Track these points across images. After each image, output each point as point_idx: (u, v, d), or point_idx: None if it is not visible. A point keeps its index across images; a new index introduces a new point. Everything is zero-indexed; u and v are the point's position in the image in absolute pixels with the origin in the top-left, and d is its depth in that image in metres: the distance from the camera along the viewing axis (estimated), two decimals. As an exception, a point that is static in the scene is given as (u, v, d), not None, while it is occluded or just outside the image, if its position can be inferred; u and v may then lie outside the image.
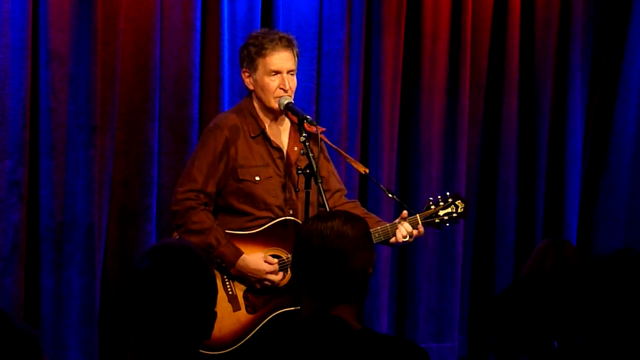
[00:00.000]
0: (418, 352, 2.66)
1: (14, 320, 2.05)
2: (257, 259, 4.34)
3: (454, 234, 5.98)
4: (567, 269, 3.43)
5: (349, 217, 2.73)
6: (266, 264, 4.34)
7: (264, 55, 4.40)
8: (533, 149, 6.21)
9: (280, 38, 4.44)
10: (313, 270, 2.67)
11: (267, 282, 4.36)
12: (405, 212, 4.44)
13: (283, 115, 4.50)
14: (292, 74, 4.44)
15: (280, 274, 4.37)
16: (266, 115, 4.48)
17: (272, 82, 4.40)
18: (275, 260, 4.37)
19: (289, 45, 4.44)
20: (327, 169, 4.58)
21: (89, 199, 5.03)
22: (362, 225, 2.74)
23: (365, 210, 4.65)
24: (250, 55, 4.43)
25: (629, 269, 2.48)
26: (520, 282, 3.57)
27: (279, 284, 4.37)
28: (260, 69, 4.41)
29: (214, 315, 2.44)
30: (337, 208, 4.52)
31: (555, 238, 4.07)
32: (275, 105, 4.40)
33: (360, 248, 2.69)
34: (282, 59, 4.41)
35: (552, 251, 3.54)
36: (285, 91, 4.39)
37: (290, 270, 2.76)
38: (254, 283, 4.36)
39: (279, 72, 4.40)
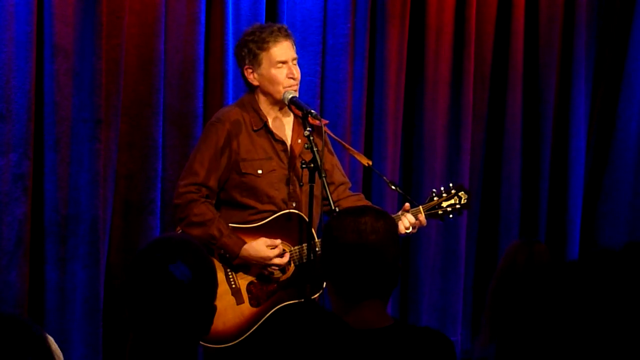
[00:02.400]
0: (444, 342, 2.66)
1: (23, 320, 2.05)
2: (259, 245, 4.33)
3: (457, 228, 5.98)
4: (538, 269, 3.42)
5: (378, 213, 2.74)
6: (269, 249, 4.34)
7: (267, 49, 4.41)
8: (537, 144, 6.21)
9: (279, 29, 4.46)
10: (347, 266, 2.67)
11: (274, 267, 4.36)
12: (407, 205, 4.45)
13: (286, 109, 4.50)
14: (295, 63, 4.45)
15: (287, 255, 4.37)
16: (269, 109, 4.48)
17: (280, 73, 4.40)
18: (278, 241, 4.36)
19: (288, 34, 4.46)
20: (331, 162, 4.58)
21: (94, 193, 5.03)
22: (391, 220, 2.77)
23: (370, 203, 4.66)
24: (252, 51, 4.43)
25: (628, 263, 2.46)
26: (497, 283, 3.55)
27: (287, 266, 4.37)
28: (265, 62, 4.41)
29: (213, 309, 2.44)
30: (341, 201, 4.53)
31: (525, 238, 4.06)
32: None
33: (392, 242, 2.70)
34: (286, 49, 4.42)
35: (523, 251, 3.53)
36: (295, 79, 4.40)
37: (320, 266, 2.76)
38: (260, 270, 4.36)
39: (285, 62, 4.41)
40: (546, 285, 2.33)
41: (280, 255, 4.35)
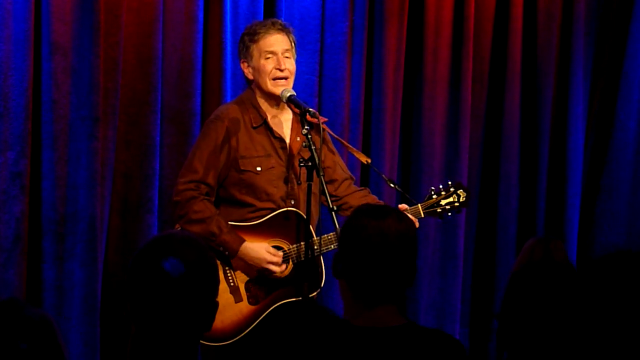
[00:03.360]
0: (456, 346, 2.65)
1: (27, 306, 2.06)
2: (259, 247, 4.34)
3: (455, 228, 5.97)
4: (555, 268, 3.40)
5: (399, 214, 2.71)
6: (268, 253, 4.34)
7: (257, 41, 4.42)
8: (535, 143, 6.20)
9: (273, 23, 4.47)
10: (367, 267, 2.64)
11: (267, 272, 4.36)
12: (403, 205, 4.45)
13: (285, 106, 4.49)
14: (288, 56, 4.43)
15: (283, 265, 4.37)
16: (268, 106, 4.48)
17: (268, 63, 4.40)
18: (280, 253, 4.37)
19: (282, 29, 4.45)
20: (333, 159, 4.59)
21: (91, 191, 5.02)
22: (410, 221, 2.74)
23: (376, 198, 4.66)
24: (245, 44, 4.45)
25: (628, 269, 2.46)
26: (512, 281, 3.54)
27: (280, 275, 4.38)
28: (256, 54, 4.42)
29: (215, 306, 2.44)
30: (347, 197, 4.54)
31: (543, 236, 4.05)
32: (274, 89, 4.39)
33: (413, 245, 2.69)
34: (275, 40, 4.42)
35: (540, 249, 3.50)
36: (282, 71, 4.39)
37: (335, 268, 2.71)
38: (255, 271, 4.36)
39: (274, 53, 4.41)
40: (563, 285, 2.32)
41: (277, 264, 4.34)
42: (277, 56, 4.40)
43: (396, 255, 2.63)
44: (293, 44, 4.48)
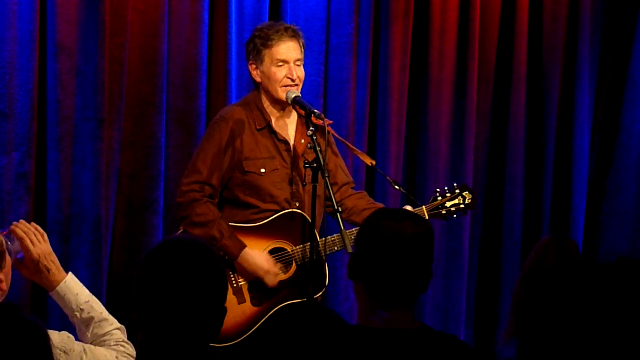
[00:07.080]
0: (468, 352, 2.64)
1: (22, 311, 2.05)
2: (259, 255, 4.34)
3: (460, 229, 5.97)
4: (568, 267, 3.40)
5: (415, 217, 2.71)
6: (267, 262, 4.34)
7: (270, 47, 4.41)
8: (541, 144, 6.20)
9: (286, 29, 4.46)
10: (385, 271, 2.63)
11: (263, 281, 4.36)
12: (408, 207, 4.44)
13: (290, 108, 4.49)
14: (299, 64, 4.44)
15: (278, 279, 4.37)
16: (273, 108, 4.48)
17: (280, 72, 4.40)
18: (277, 268, 4.36)
19: (294, 35, 4.45)
20: (335, 162, 4.58)
21: (96, 192, 5.03)
22: (428, 224, 2.72)
23: (372, 201, 4.66)
24: (256, 47, 4.44)
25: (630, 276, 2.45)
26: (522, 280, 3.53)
27: (274, 286, 4.37)
28: (267, 60, 4.42)
29: (224, 311, 2.43)
30: (344, 200, 4.53)
31: (558, 234, 4.04)
32: (283, 96, 4.40)
33: (430, 248, 2.68)
34: (288, 49, 4.42)
35: (554, 247, 3.51)
36: (293, 80, 4.40)
37: (351, 269, 2.71)
38: (253, 278, 4.36)
39: (286, 62, 4.41)
40: (575, 285, 2.31)
41: (274, 275, 4.34)
42: (289, 65, 4.41)
43: (412, 258, 2.62)
44: (303, 49, 4.49)
